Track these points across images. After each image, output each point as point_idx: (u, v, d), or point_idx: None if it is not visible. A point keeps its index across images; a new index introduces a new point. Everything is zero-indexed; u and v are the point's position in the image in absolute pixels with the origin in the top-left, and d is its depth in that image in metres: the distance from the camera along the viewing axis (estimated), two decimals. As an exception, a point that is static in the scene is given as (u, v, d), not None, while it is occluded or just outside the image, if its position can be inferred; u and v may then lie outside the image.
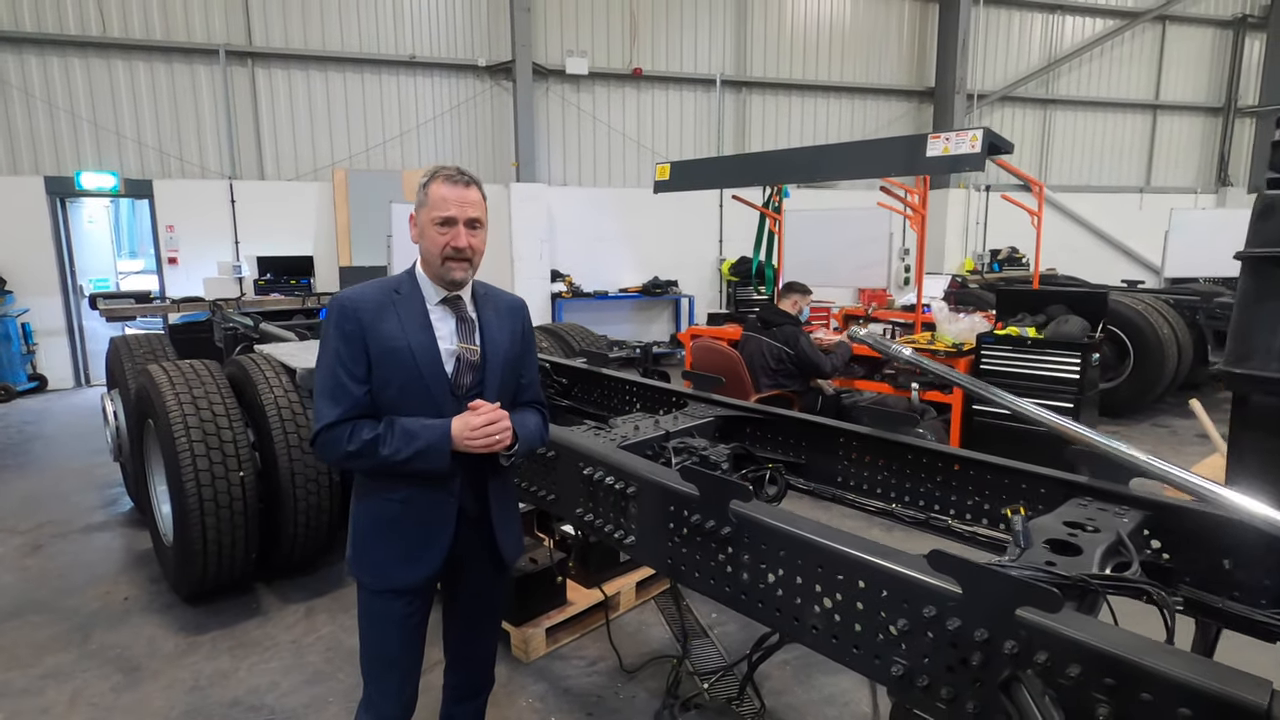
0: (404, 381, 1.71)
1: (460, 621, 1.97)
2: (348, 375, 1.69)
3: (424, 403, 1.72)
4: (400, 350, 1.70)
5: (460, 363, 1.77)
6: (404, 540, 1.75)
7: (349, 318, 1.70)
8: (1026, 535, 1.51)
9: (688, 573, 1.90)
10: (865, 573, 1.52)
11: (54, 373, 8.63)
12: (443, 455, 1.68)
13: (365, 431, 1.67)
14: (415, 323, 1.73)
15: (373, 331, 1.70)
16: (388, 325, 1.71)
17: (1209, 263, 9.29)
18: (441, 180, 1.72)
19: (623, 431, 2.53)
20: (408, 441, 1.66)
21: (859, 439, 2.53)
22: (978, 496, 2.25)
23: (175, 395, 3.21)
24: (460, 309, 1.80)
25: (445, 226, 1.71)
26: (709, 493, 1.80)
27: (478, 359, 1.79)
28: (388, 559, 1.76)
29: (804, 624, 1.65)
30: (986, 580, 1.32)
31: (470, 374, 1.79)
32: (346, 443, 1.66)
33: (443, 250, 1.71)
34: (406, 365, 1.71)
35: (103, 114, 8.57)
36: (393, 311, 1.72)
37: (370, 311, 1.71)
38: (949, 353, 4.65)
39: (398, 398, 1.71)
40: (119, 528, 4.40)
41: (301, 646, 3.05)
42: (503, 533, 1.88)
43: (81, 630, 3.22)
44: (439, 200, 1.71)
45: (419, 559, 1.76)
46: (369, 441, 1.66)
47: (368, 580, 1.79)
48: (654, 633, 3.14)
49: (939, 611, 1.38)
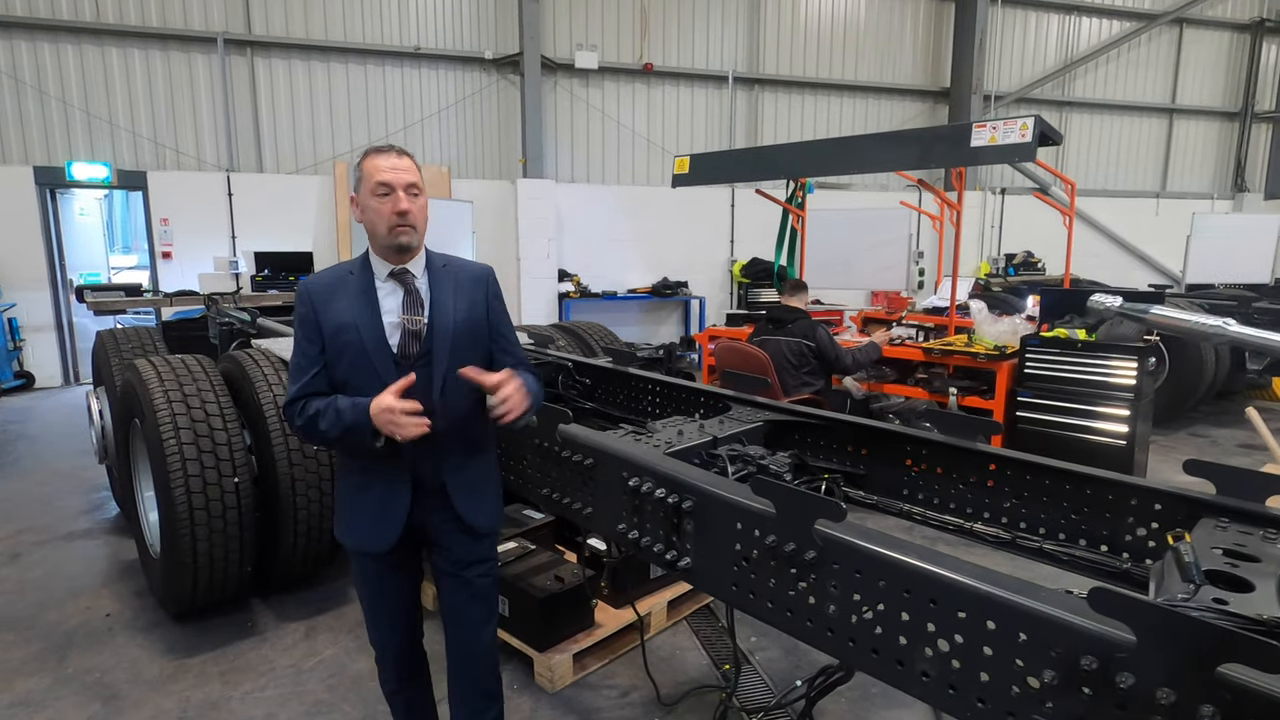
0: (352, 356, 1.78)
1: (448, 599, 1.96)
2: (303, 355, 1.80)
3: (369, 375, 1.77)
4: (347, 327, 1.78)
5: (405, 333, 1.81)
6: (368, 508, 1.84)
7: (304, 301, 1.81)
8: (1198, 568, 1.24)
9: (757, 602, 1.64)
10: (996, 611, 1.25)
11: (42, 370, 8.33)
12: (363, 432, 1.71)
13: (310, 408, 1.76)
14: (362, 299, 1.80)
15: (325, 312, 1.79)
16: (338, 305, 1.79)
17: (1228, 268, 9.09)
18: (373, 154, 1.80)
19: (665, 437, 2.25)
20: (337, 419, 1.73)
21: (928, 446, 2.26)
22: (1074, 515, 1.98)
23: (164, 392, 2.92)
24: (407, 282, 1.84)
25: (385, 195, 1.76)
26: (789, 510, 1.53)
27: (422, 328, 1.83)
28: (358, 525, 1.86)
29: (910, 670, 1.38)
30: (1175, 627, 1.05)
31: (415, 342, 1.82)
32: (297, 418, 1.77)
33: (388, 218, 1.76)
34: (353, 341, 1.78)
35: (95, 103, 8.29)
36: (343, 291, 1.81)
37: (322, 294, 1.80)
38: (990, 355, 4.39)
39: (348, 372, 1.79)
40: (104, 535, 4.11)
41: (301, 672, 2.76)
42: (466, 503, 1.88)
43: (58, 651, 2.92)
44: (374, 170, 1.77)
45: (381, 526, 1.83)
46: (311, 418, 1.75)
47: (347, 543, 1.90)
48: (690, 658, 2.86)
49: (1102, 663, 1.12)
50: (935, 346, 4.68)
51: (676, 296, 10.21)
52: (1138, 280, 12.00)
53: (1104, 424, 3.95)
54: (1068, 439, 4.01)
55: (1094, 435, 3.97)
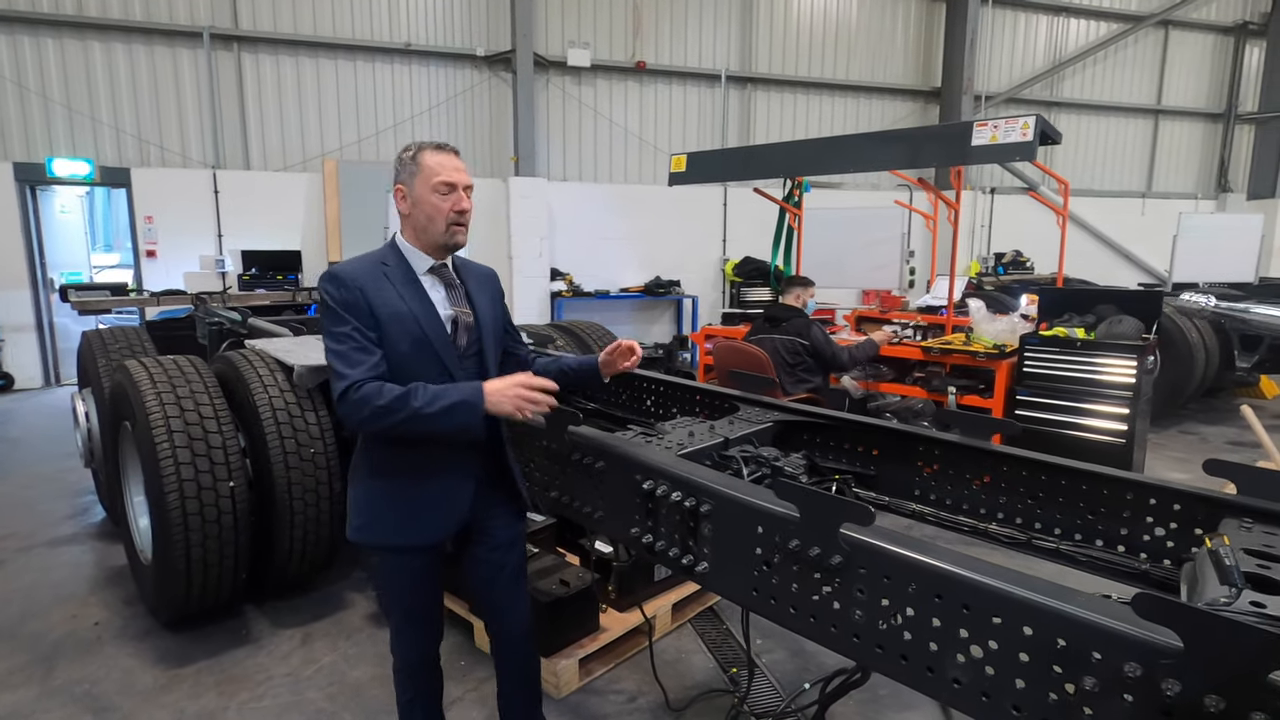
0: (412, 345, 1.75)
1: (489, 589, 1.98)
2: (364, 337, 1.71)
3: (431, 365, 1.76)
4: (404, 316, 1.75)
5: (457, 326, 1.84)
6: (422, 500, 1.80)
7: (350, 286, 1.72)
8: (1239, 571, 1.21)
9: (778, 607, 1.60)
10: (1032, 616, 1.22)
11: (21, 371, 8.13)
12: (475, 410, 1.69)
13: (390, 389, 1.67)
14: (411, 290, 1.78)
15: (375, 297, 1.73)
16: (386, 293, 1.75)
17: (1213, 267, 9.19)
18: (431, 150, 1.78)
19: (676, 438, 2.21)
20: (437, 397, 1.68)
21: (939, 446, 2.24)
22: (1090, 515, 1.97)
23: (156, 394, 2.84)
24: (447, 277, 1.86)
25: (448, 193, 1.76)
26: (814, 514, 1.50)
27: (472, 321, 1.86)
28: (409, 519, 1.80)
29: (941, 676, 1.35)
30: (1224, 633, 1.03)
31: (466, 335, 1.85)
32: (377, 398, 1.65)
33: (447, 215, 1.77)
34: (412, 330, 1.75)
35: (77, 98, 8.10)
36: (386, 282, 1.76)
37: (367, 280, 1.74)
38: (989, 354, 4.39)
39: (407, 359, 1.75)
40: (90, 540, 4.01)
41: (299, 680, 2.69)
42: (520, 484, 1.99)
43: (45, 661, 2.83)
44: (437, 167, 1.76)
45: (439, 516, 1.82)
46: (400, 395, 1.66)
47: (388, 541, 1.82)
48: (696, 661, 2.82)
49: (1146, 670, 1.09)
50: (934, 345, 4.67)
51: (669, 295, 10.17)
52: (1124, 279, 12.13)
53: (1103, 422, 3.96)
54: (1067, 437, 4.02)
55: (1093, 434, 3.98)
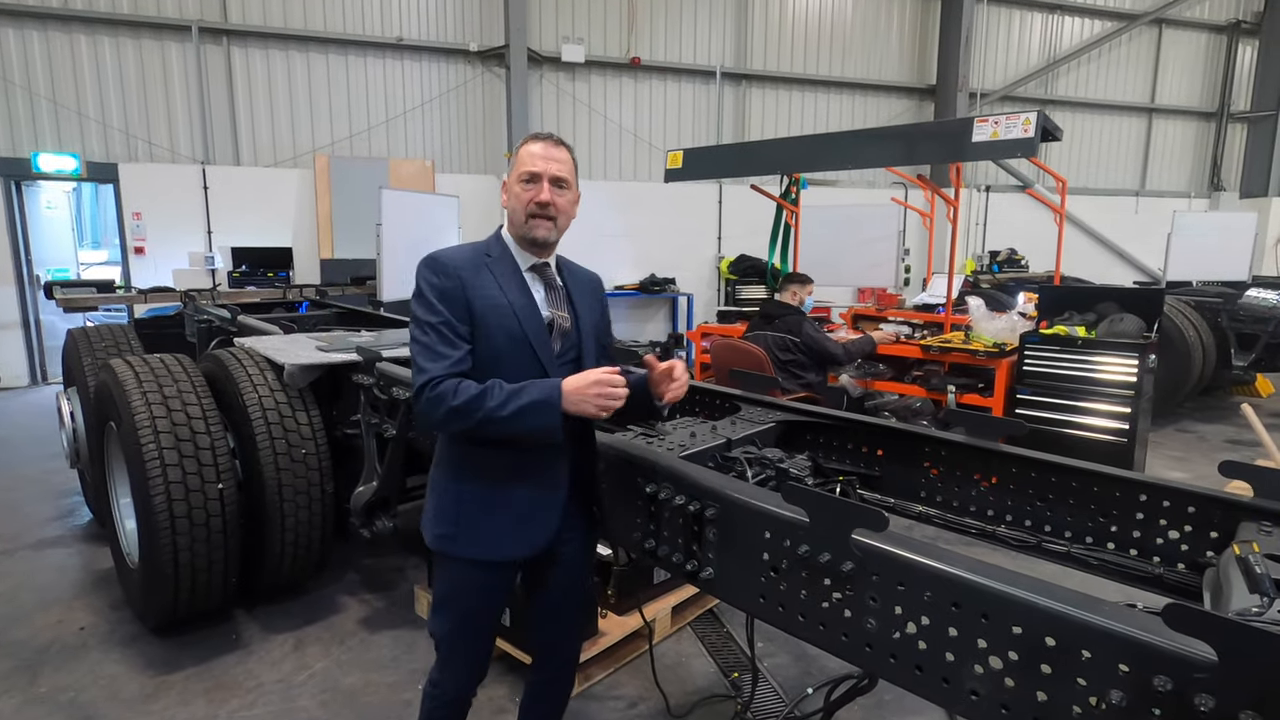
0: (507, 339, 1.66)
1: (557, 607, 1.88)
2: (451, 331, 1.62)
3: (525, 363, 1.66)
4: (503, 308, 1.66)
5: (553, 329, 1.73)
6: (514, 511, 1.69)
7: (449, 274, 1.64)
8: (1270, 579, 1.17)
9: (786, 614, 1.56)
10: (1055, 627, 1.18)
11: (7, 370, 8.01)
12: (552, 410, 1.57)
13: (468, 387, 1.58)
14: (513, 283, 1.70)
15: (474, 289, 1.65)
16: (485, 284, 1.67)
17: (1207, 266, 9.20)
18: (531, 140, 1.72)
19: (677, 439, 2.16)
20: (515, 396, 1.57)
21: (946, 447, 2.20)
22: (1101, 517, 1.93)
23: (142, 394, 2.77)
24: (548, 276, 1.77)
25: (530, 182, 1.68)
26: (824, 519, 1.45)
27: (570, 326, 1.76)
28: (499, 532, 1.69)
29: (958, 688, 1.30)
30: (1262, 645, 0.98)
31: (561, 340, 1.74)
32: (452, 398, 1.56)
33: (526, 206, 1.68)
34: (509, 325, 1.66)
35: (63, 92, 7.97)
36: (487, 272, 1.69)
37: (468, 269, 1.66)
38: (989, 353, 4.35)
39: (501, 355, 1.64)
40: (76, 543, 3.92)
41: (291, 687, 2.63)
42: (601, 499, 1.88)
43: (29, 669, 2.75)
44: (526, 157, 1.69)
45: (530, 529, 1.71)
46: (475, 396, 1.56)
47: (471, 553, 1.70)
48: (696, 665, 2.77)
49: (1177, 684, 1.05)
50: (934, 344, 4.64)
51: (664, 293, 10.11)
52: (1119, 277, 12.15)
53: (1104, 421, 3.94)
54: (1068, 436, 3.99)
55: (1094, 432, 3.96)
